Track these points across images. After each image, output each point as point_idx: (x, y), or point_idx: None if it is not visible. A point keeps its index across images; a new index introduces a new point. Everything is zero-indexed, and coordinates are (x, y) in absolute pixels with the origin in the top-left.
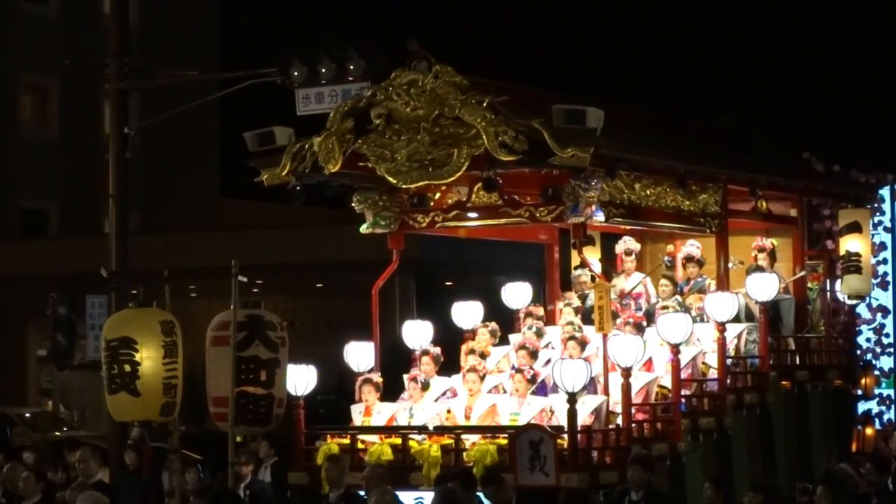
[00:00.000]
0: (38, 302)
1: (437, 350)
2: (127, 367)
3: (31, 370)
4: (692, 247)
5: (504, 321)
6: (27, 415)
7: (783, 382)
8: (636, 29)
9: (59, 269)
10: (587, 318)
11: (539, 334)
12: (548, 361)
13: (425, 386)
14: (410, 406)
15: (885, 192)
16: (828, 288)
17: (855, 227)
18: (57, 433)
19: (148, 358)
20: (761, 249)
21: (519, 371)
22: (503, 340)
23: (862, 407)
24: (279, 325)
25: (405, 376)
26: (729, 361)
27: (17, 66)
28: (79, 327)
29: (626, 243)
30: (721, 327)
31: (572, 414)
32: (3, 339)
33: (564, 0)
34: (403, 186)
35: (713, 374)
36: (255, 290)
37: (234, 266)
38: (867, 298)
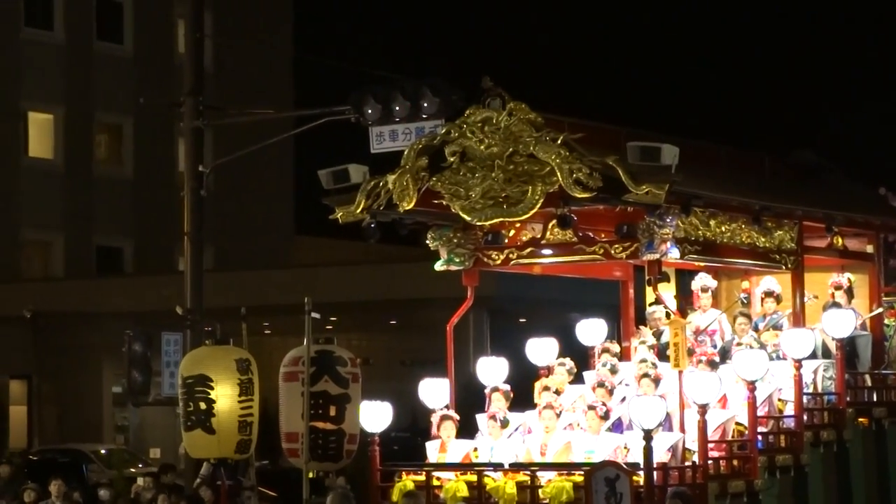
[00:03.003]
0: (113, 339)
1: (507, 387)
2: (202, 405)
3: (106, 407)
4: (771, 281)
5: (577, 358)
6: (103, 451)
7: (860, 419)
8: (711, 66)
9: (134, 307)
10: (662, 354)
11: (613, 371)
12: (623, 399)
13: (504, 423)
14: (489, 443)
15: None
16: None
17: None
18: (132, 470)
19: (224, 395)
20: (838, 287)
21: (592, 408)
22: (577, 377)
23: None
24: (350, 360)
25: (479, 415)
26: (805, 398)
27: (93, 105)
28: (154, 364)
29: (702, 280)
30: (798, 364)
31: (648, 451)
32: (79, 377)
33: (639, 38)
34: (478, 224)
35: (789, 410)
36: (330, 328)
37: (307, 303)
38: None
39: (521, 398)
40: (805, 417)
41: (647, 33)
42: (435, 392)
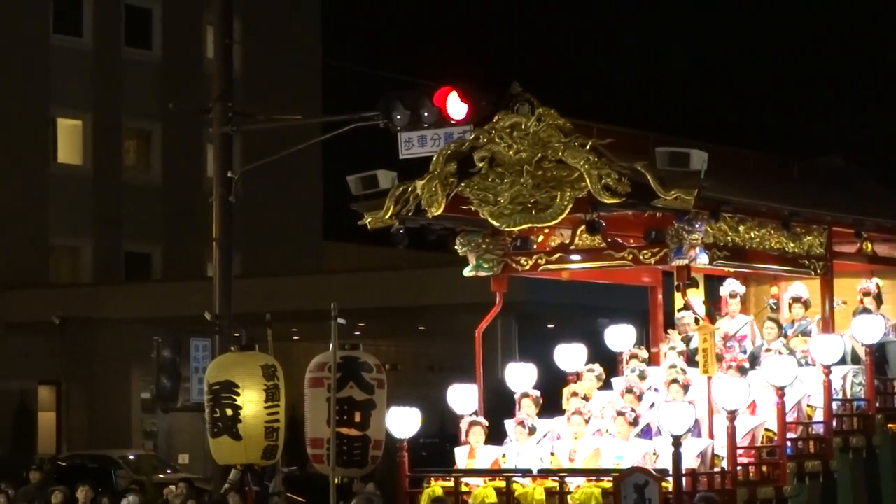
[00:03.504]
0: (142, 345)
1: (537, 393)
2: (229, 411)
3: (134, 413)
4: (799, 287)
5: (605, 364)
6: (131, 457)
7: (890, 425)
8: (740, 71)
9: (163, 313)
10: (691, 360)
11: (642, 377)
12: (651, 405)
13: (532, 430)
14: (516, 449)
15: None
16: None
17: None
18: (161, 476)
19: (250, 402)
20: (867, 293)
21: (621, 414)
22: (605, 383)
23: None
24: (376, 366)
25: (507, 421)
26: (835, 404)
27: (121, 111)
28: (183, 370)
29: (731, 285)
30: (827, 370)
31: (677, 457)
32: (108, 382)
33: (668, 43)
34: (506, 229)
35: (818, 416)
36: (358, 334)
37: (333, 309)
38: None
39: (550, 404)
40: (834, 423)
41: (673, 39)
42: (463, 398)
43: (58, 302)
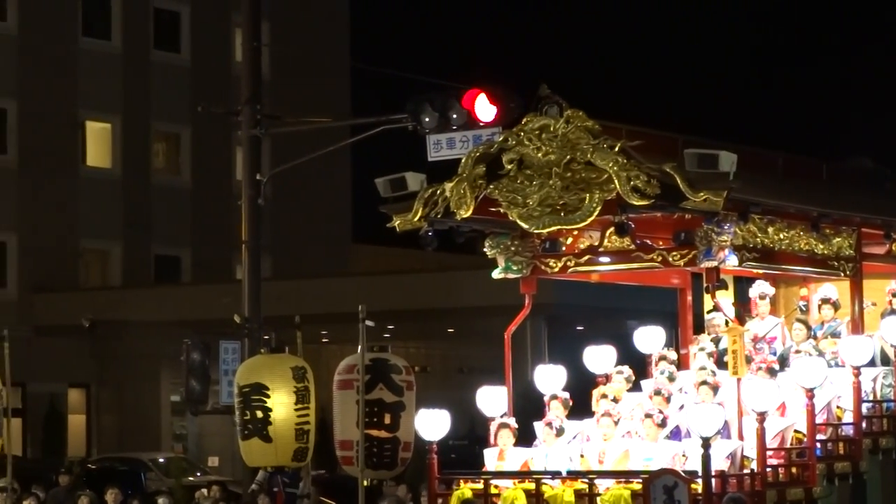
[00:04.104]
0: (171, 348)
1: (566, 395)
2: (259, 413)
3: (164, 416)
4: (829, 289)
5: (634, 365)
6: (161, 460)
7: None
8: (768, 72)
9: (192, 315)
10: (720, 362)
11: (671, 379)
12: (681, 406)
13: (560, 431)
14: (544, 450)
15: None
16: None
17: None
18: (190, 478)
19: (280, 404)
20: (895, 294)
21: (649, 416)
22: (634, 385)
23: None
24: (405, 368)
25: (536, 423)
26: (864, 406)
27: (150, 114)
28: (212, 373)
29: (760, 287)
30: (856, 371)
31: (706, 459)
32: (137, 385)
33: (697, 45)
34: (535, 231)
35: (848, 418)
36: (387, 336)
37: (361, 311)
38: None
39: (579, 406)
40: (864, 425)
41: (701, 41)
42: (492, 400)
43: (87, 305)
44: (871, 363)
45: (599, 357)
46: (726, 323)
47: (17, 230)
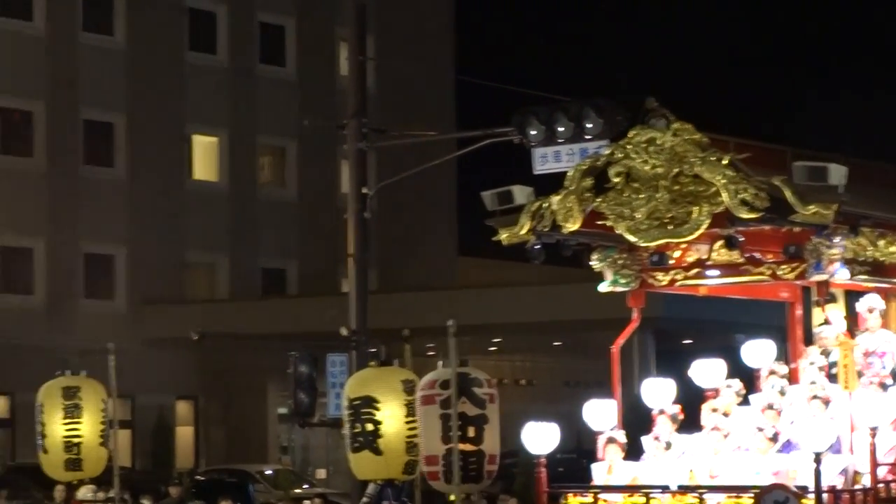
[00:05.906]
0: (278, 360)
1: (676, 409)
2: (369, 426)
3: (271, 428)
4: None
5: (742, 379)
6: (268, 472)
7: None
8: (877, 85)
9: (299, 328)
10: (830, 376)
11: (782, 393)
12: (792, 421)
13: (668, 445)
14: (651, 465)
15: None
16: None
17: None
18: (297, 490)
19: (390, 417)
20: None
21: (760, 430)
22: (744, 399)
23: None
24: (486, 381)
25: (644, 437)
26: None
27: (256, 127)
28: (319, 385)
29: (869, 301)
30: None
31: (818, 474)
32: (244, 397)
33: (806, 57)
34: (643, 245)
35: None
36: (493, 349)
37: (450, 325)
38: None
39: (688, 420)
40: None
41: (811, 55)
42: (599, 413)
43: (195, 317)
44: None
45: (708, 371)
46: (836, 337)
47: (125, 243)
